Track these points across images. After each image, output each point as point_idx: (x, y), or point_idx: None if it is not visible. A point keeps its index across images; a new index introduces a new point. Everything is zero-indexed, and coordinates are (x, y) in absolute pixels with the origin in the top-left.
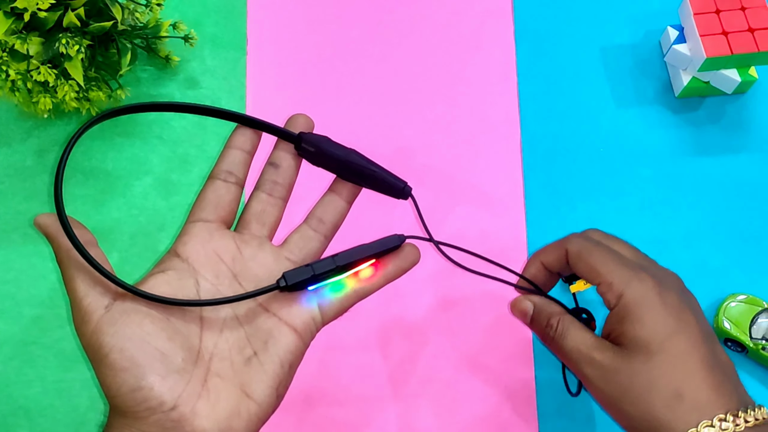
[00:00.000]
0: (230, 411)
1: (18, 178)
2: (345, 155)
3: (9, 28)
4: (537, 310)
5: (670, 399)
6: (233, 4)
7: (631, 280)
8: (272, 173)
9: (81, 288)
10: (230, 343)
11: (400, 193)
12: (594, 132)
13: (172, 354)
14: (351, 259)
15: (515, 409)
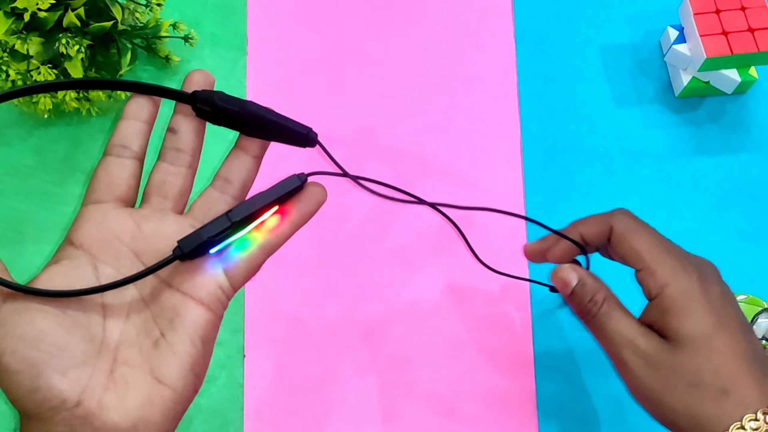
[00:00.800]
0: (142, 400)
1: (17, 177)
2: (241, 108)
3: (9, 28)
4: (581, 282)
5: (716, 394)
6: (233, 4)
7: (678, 272)
8: (172, 140)
9: None
10: (137, 327)
11: (305, 140)
12: (594, 132)
13: (70, 348)
14: (248, 211)
15: (515, 409)
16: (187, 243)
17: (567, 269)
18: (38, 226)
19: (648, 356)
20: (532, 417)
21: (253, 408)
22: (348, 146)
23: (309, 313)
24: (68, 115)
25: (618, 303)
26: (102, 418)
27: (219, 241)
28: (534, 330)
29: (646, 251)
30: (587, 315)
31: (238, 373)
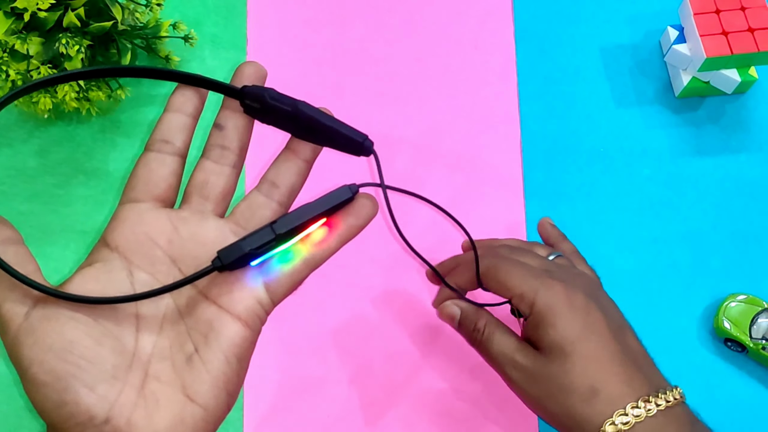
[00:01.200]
0: (172, 419)
1: (20, 179)
2: (293, 108)
3: (9, 28)
4: (464, 315)
5: (586, 395)
6: (233, 4)
7: (539, 289)
8: (218, 137)
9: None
10: (171, 340)
11: (360, 148)
12: (594, 132)
13: (99, 361)
14: (294, 223)
15: (515, 409)
16: (228, 254)
17: (449, 305)
18: (42, 228)
19: (526, 369)
20: (532, 416)
21: (253, 408)
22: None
23: (309, 313)
24: (68, 116)
25: (498, 324)
26: (134, 429)
27: (261, 253)
28: None
29: (510, 279)
30: (474, 342)
31: None
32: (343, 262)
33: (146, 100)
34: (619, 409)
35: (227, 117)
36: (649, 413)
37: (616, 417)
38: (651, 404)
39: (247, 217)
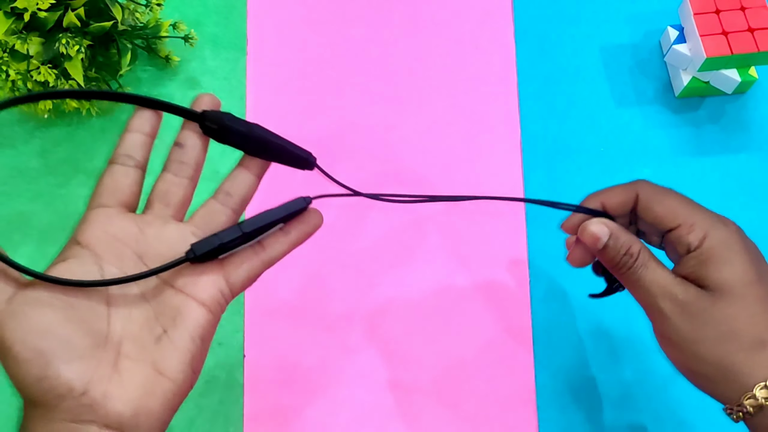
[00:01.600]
0: (144, 390)
1: (21, 179)
2: (247, 130)
3: (9, 28)
4: (614, 236)
5: (751, 344)
6: (233, 4)
7: (716, 223)
8: (178, 153)
9: None
10: (139, 323)
11: (305, 163)
12: (594, 132)
13: (77, 340)
14: (257, 225)
15: (515, 409)
16: (200, 247)
17: (597, 223)
18: (43, 228)
19: (685, 305)
20: (532, 417)
21: (253, 408)
22: (348, 146)
23: (309, 313)
24: (68, 116)
25: (652, 254)
26: (106, 407)
27: (229, 248)
28: (534, 329)
29: (680, 208)
30: (623, 267)
31: (238, 373)
32: (343, 261)
33: None
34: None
35: (187, 137)
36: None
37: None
38: None
39: (206, 221)
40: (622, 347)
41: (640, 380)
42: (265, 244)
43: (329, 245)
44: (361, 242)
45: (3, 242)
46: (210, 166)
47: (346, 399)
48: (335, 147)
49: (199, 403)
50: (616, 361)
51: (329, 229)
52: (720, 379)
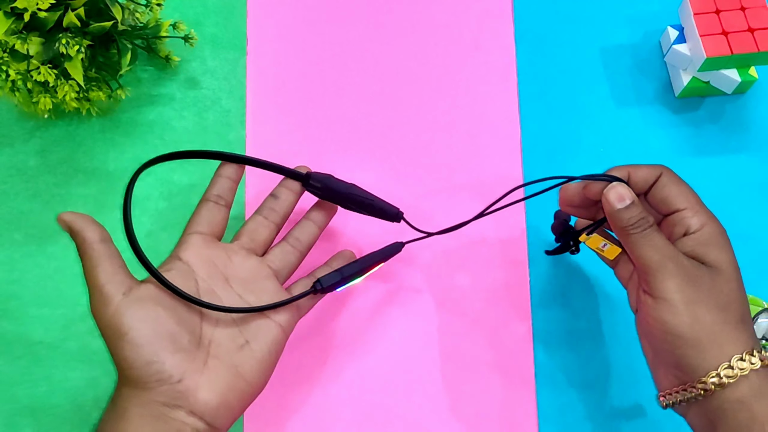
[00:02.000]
0: (227, 387)
1: (20, 178)
2: (347, 190)
3: (9, 28)
4: (636, 201)
5: (738, 319)
6: (233, 4)
7: (713, 217)
8: (271, 202)
9: (102, 276)
10: (225, 332)
11: (394, 217)
12: (594, 132)
13: (179, 336)
14: (369, 263)
15: (515, 408)
16: (326, 280)
17: (625, 187)
18: (43, 228)
19: (689, 269)
20: (532, 416)
21: (253, 408)
22: (348, 146)
23: (309, 313)
24: (68, 116)
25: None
26: (196, 396)
27: (347, 282)
28: (534, 329)
29: (690, 195)
30: (638, 228)
31: None
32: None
33: (146, 100)
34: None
35: (282, 191)
36: (753, 366)
37: (754, 353)
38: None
39: (280, 258)
40: (620, 351)
41: (643, 381)
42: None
43: (330, 247)
44: (361, 241)
45: (3, 241)
46: (210, 166)
47: (346, 399)
48: (335, 147)
49: None
50: (616, 365)
51: (330, 232)
52: (706, 344)
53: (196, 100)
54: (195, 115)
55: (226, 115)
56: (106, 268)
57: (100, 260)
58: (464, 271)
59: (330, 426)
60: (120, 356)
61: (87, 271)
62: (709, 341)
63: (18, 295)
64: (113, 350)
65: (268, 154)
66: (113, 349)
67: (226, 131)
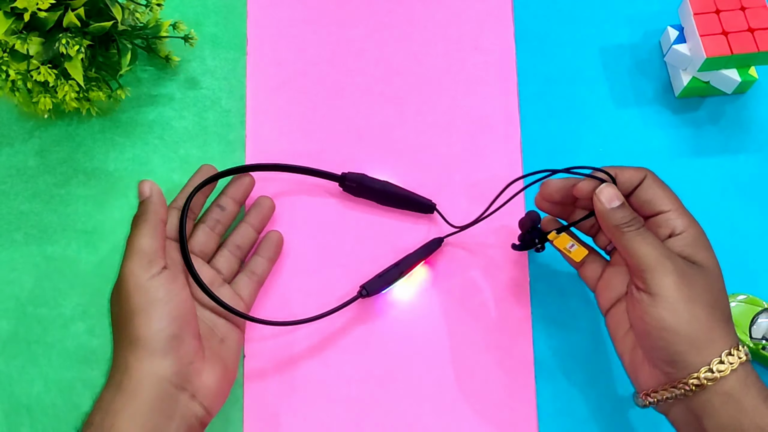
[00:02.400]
0: (221, 374)
1: (20, 178)
2: (382, 186)
3: (9, 28)
4: (625, 203)
5: (726, 317)
6: (233, 4)
7: (693, 218)
8: (218, 213)
9: (154, 242)
10: (208, 329)
11: (428, 209)
12: (594, 132)
13: (196, 323)
14: (410, 264)
15: (515, 408)
16: (371, 286)
17: (615, 188)
18: (42, 228)
19: (685, 268)
20: (532, 417)
21: (253, 408)
22: (348, 146)
23: (308, 313)
24: (68, 115)
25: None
26: (201, 379)
27: (387, 285)
28: (534, 330)
29: (673, 197)
30: (631, 226)
31: (239, 373)
32: (343, 262)
33: (146, 100)
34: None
35: (228, 202)
36: (741, 360)
37: (740, 348)
38: (741, 353)
39: (225, 267)
40: None
41: None
42: (256, 270)
43: (329, 248)
44: (362, 246)
45: (2, 241)
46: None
47: (346, 399)
48: (335, 147)
49: None
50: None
51: (329, 232)
52: (702, 340)
53: (196, 100)
54: (195, 115)
55: (226, 115)
56: (159, 238)
57: (156, 229)
58: (463, 268)
59: (329, 425)
60: (145, 323)
61: (139, 232)
62: (704, 338)
63: (16, 295)
64: (138, 316)
65: (268, 153)
66: (139, 315)
67: (226, 131)
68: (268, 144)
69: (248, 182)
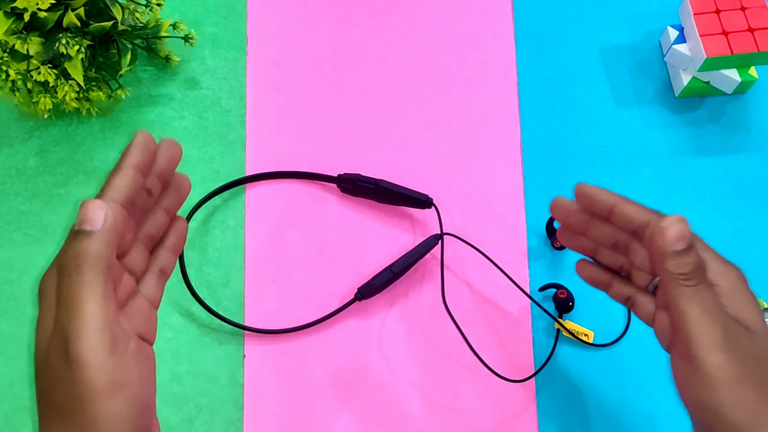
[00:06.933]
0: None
1: (19, 178)
2: (376, 183)
3: (9, 28)
4: (693, 245)
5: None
6: (233, 4)
7: (724, 261)
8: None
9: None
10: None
11: (425, 204)
12: (594, 132)
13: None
14: (404, 265)
15: (516, 409)
16: (367, 289)
17: (687, 224)
18: (42, 228)
19: (736, 337)
20: (532, 416)
21: (253, 408)
22: (347, 146)
23: (309, 313)
24: (68, 116)
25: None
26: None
27: (383, 288)
28: (534, 329)
29: (705, 247)
30: (691, 281)
31: (238, 373)
32: (343, 262)
33: (146, 100)
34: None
35: (155, 185)
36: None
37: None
38: None
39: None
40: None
41: (642, 380)
42: (165, 268)
43: (329, 248)
44: (361, 247)
45: (2, 241)
46: (210, 166)
47: (346, 399)
48: (335, 147)
49: (199, 403)
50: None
51: (329, 233)
52: (746, 426)
53: (196, 100)
54: (195, 115)
55: (226, 115)
56: (110, 307)
57: (106, 297)
58: (463, 269)
59: (329, 425)
60: (107, 411)
61: (89, 296)
62: (750, 424)
63: (16, 296)
64: (96, 410)
65: (268, 154)
66: (98, 402)
67: (226, 131)
68: (268, 144)
69: (179, 154)
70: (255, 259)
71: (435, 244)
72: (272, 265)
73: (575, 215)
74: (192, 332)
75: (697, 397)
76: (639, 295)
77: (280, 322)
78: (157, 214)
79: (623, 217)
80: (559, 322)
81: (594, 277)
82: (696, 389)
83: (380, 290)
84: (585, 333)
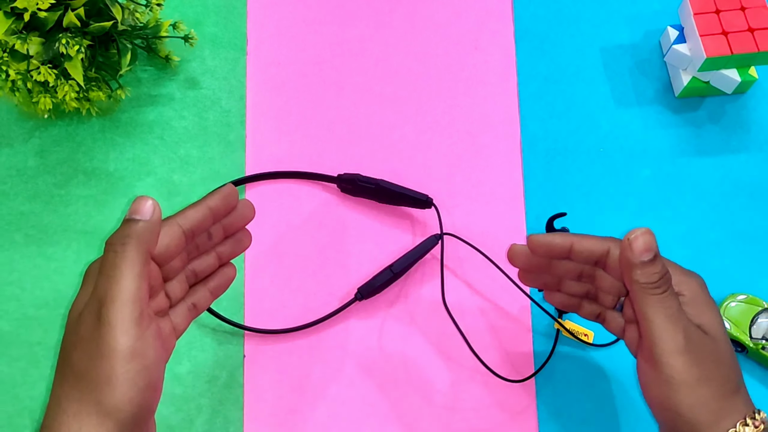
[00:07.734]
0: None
1: (20, 178)
2: (376, 183)
3: (9, 28)
4: (658, 255)
5: (736, 388)
6: (233, 4)
7: (685, 272)
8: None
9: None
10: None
11: (425, 204)
12: (594, 132)
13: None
14: (404, 265)
15: (516, 409)
16: (367, 289)
17: (652, 235)
18: (42, 228)
19: (697, 343)
20: (532, 417)
21: (253, 408)
22: (348, 146)
23: (309, 313)
24: (68, 116)
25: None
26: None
27: (382, 289)
28: (534, 330)
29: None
30: (658, 289)
31: (238, 373)
32: (343, 262)
33: (146, 100)
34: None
35: (218, 232)
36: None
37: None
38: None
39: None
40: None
41: None
42: (198, 303)
43: (329, 248)
44: (361, 247)
45: (3, 242)
46: (210, 166)
47: (346, 399)
48: (335, 147)
49: (199, 403)
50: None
51: (328, 233)
52: (706, 424)
53: (196, 100)
54: (195, 115)
55: (226, 115)
56: (146, 278)
57: (142, 276)
58: (463, 269)
59: (329, 425)
60: (120, 392)
61: (127, 270)
62: (709, 421)
63: (17, 297)
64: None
65: (268, 154)
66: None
67: (226, 131)
68: (268, 144)
69: (250, 216)
70: (255, 259)
71: (435, 244)
72: (272, 265)
73: (536, 259)
74: (192, 332)
75: (660, 398)
76: (608, 312)
77: (280, 322)
78: (209, 257)
79: (584, 252)
80: (558, 322)
81: (564, 303)
82: (659, 390)
83: (380, 290)
84: (585, 333)
